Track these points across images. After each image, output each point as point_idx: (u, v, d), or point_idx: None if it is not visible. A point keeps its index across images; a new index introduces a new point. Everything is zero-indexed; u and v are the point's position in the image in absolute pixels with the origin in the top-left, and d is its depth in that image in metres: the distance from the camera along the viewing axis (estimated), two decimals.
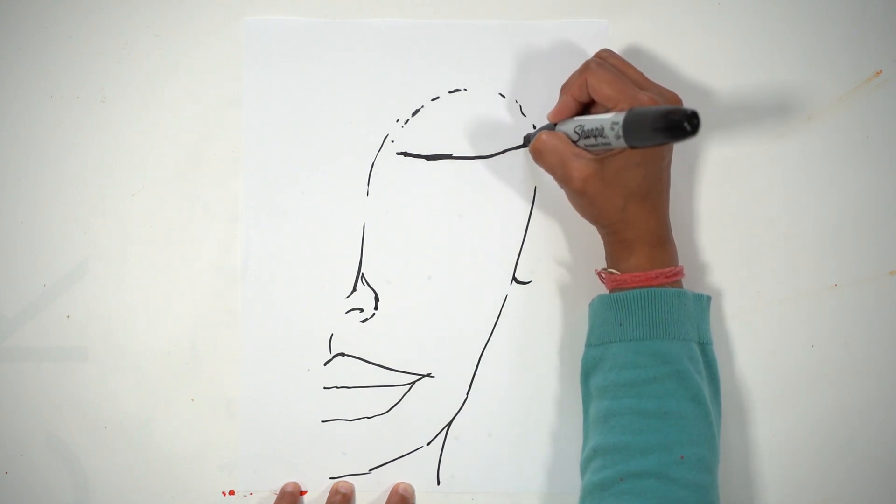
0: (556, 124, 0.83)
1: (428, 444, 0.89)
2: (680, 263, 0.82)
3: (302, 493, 0.89)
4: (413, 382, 0.89)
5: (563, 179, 0.80)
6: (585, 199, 0.80)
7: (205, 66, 0.89)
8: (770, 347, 0.89)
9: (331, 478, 0.89)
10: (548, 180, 0.88)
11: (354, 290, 0.89)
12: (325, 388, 0.89)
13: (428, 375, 0.89)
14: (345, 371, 0.89)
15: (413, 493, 0.89)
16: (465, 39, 0.89)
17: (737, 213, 0.89)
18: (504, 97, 0.89)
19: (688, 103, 0.88)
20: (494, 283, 0.89)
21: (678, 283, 0.81)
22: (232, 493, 0.89)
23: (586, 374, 0.82)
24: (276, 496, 0.88)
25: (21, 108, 0.89)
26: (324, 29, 0.89)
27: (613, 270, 0.81)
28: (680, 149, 0.89)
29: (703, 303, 0.83)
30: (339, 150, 0.89)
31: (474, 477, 0.89)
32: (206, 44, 0.89)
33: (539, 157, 0.81)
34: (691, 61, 0.89)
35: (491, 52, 0.89)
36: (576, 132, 0.79)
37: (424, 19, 0.89)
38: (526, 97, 0.88)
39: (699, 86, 0.89)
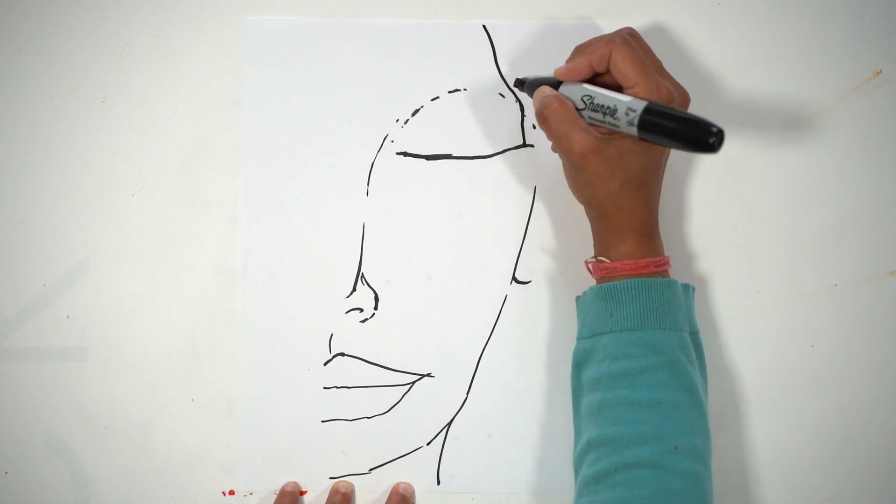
0: (560, 82, 0.82)
1: (428, 444, 0.89)
2: (666, 254, 0.82)
3: (302, 493, 0.89)
4: (413, 382, 0.89)
5: (564, 150, 0.79)
6: (583, 176, 0.79)
7: (205, 66, 0.89)
8: (770, 347, 0.89)
9: (331, 478, 0.89)
10: (548, 180, 0.89)
11: (354, 290, 0.89)
12: (325, 388, 0.89)
13: (428, 375, 0.89)
14: (345, 371, 0.89)
15: (413, 493, 0.89)
16: (465, 39, 0.89)
17: (737, 212, 0.89)
18: (504, 97, 0.89)
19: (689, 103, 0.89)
20: (494, 283, 0.89)
21: (665, 274, 0.81)
22: (232, 493, 0.89)
23: (577, 366, 0.81)
24: (276, 496, 0.88)
25: (21, 108, 0.89)
26: (324, 29, 0.89)
27: (603, 259, 0.81)
28: None
29: (689, 292, 0.83)
30: (338, 150, 0.89)
31: (474, 477, 0.89)
32: (206, 44, 0.89)
33: (544, 123, 0.80)
34: (691, 61, 0.89)
35: (491, 52, 0.89)
36: (583, 101, 0.79)
37: (424, 19, 0.89)
38: (526, 97, 0.88)
39: (699, 86, 0.88)
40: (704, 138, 0.70)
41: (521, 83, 0.85)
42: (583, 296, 0.82)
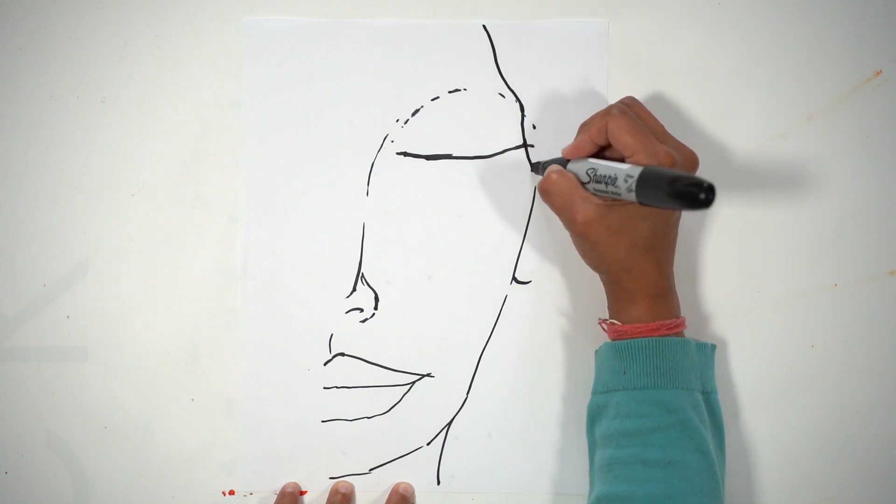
0: (568, 160, 0.83)
1: (428, 444, 0.89)
2: (682, 315, 0.82)
3: (302, 493, 0.89)
4: (413, 382, 0.89)
5: (567, 221, 0.80)
6: (588, 244, 0.80)
7: (205, 66, 0.89)
8: (770, 347, 0.89)
9: (331, 478, 0.89)
10: None
11: (354, 290, 0.89)
12: (325, 388, 0.89)
13: (428, 375, 0.89)
14: (345, 371, 0.89)
15: (413, 493, 0.89)
16: (465, 39, 0.89)
17: (736, 213, 0.89)
18: (504, 97, 0.89)
19: (688, 105, 0.89)
20: (494, 283, 0.89)
21: (680, 334, 0.81)
22: (232, 493, 0.89)
23: (591, 421, 0.82)
24: (276, 496, 0.88)
25: (21, 108, 0.89)
26: (324, 29, 0.89)
27: (615, 321, 0.81)
28: None
29: (706, 352, 0.83)
30: (338, 151, 0.89)
31: (474, 477, 0.89)
32: (206, 44, 0.89)
33: (546, 196, 0.81)
34: (691, 61, 0.89)
35: (491, 52, 0.89)
36: (588, 174, 0.79)
37: (424, 19, 0.89)
38: (526, 97, 0.89)
39: (699, 86, 0.88)
40: (695, 195, 0.70)
41: (536, 167, 0.87)
42: (599, 350, 0.83)
